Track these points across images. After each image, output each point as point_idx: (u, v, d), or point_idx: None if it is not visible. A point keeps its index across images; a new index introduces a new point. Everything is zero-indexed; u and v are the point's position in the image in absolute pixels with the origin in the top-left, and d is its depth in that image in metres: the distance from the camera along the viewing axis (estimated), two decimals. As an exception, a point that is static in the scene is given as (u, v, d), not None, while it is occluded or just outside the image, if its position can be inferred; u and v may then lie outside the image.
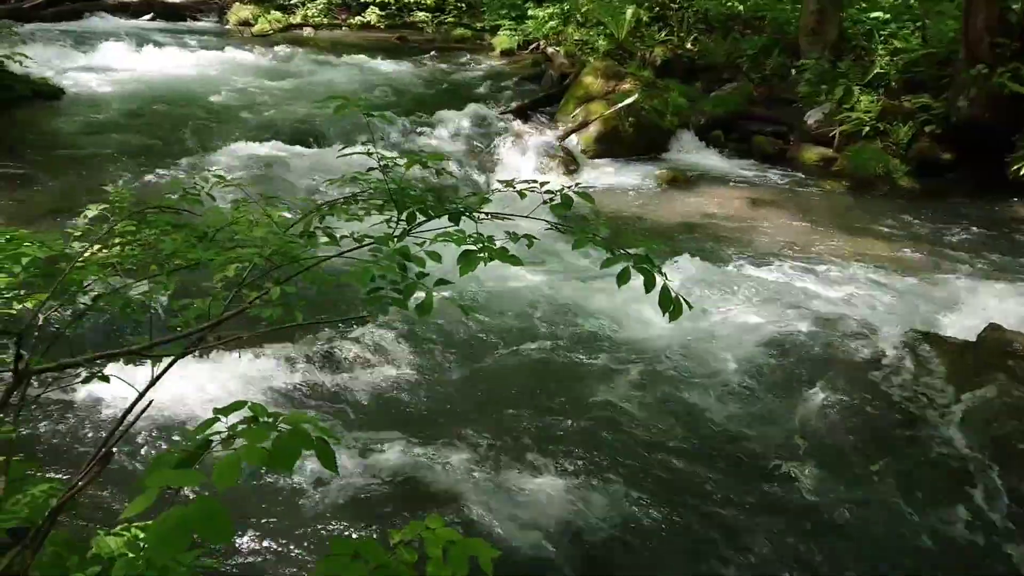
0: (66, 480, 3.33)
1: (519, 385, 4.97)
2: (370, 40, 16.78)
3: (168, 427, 4.08)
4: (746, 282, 6.35)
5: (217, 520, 1.58)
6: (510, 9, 17.16)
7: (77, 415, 4.08)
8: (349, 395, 4.67)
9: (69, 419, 4.05)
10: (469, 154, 9.68)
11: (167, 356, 1.78)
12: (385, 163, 1.97)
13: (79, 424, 4.05)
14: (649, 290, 1.74)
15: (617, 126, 10.27)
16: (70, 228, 2.55)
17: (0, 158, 8.27)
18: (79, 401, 4.16)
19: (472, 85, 12.94)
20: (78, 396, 4.15)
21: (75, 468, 3.69)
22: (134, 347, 1.65)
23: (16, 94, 10.47)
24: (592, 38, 13.62)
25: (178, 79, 12.54)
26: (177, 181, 2.35)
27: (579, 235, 1.80)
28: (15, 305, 2.09)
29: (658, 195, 9.00)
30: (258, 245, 1.84)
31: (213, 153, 8.72)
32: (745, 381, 5.03)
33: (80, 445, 3.93)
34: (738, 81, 11.64)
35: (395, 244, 1.78)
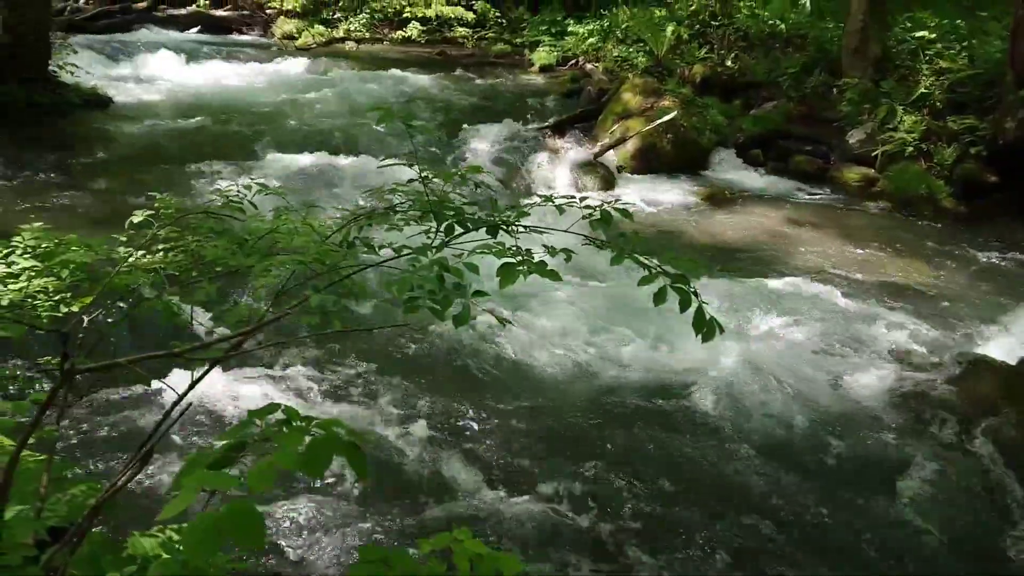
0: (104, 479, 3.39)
1: (548, 401, 4.95)
2: (411, 54, 16.96)
3: (203, 426, 4.12)
4: (786, 303, 6.27)
5: (251, 524, 1.60)
6: (550, 25, 17.24)
7: (117, 415, 4.15)
8: (379, 401, 4.69)
9: (109, 419, 4.12)
10: (506, 168, 9.72)
11: (207, 359, 1.80)
12: (425, 175, 1.99)
13: (118, 424, 4.11)
14: (684, 310, 1.72)
15: (655, 143, 10.24)
16: (116, 233, 2.60)
17: (50, 165, 8.48)
18: (119, 401, 4.23)
19: (511, 100, 13.00)
20: (118, 397, 4.22)
21: (111, 466, 3.75)
22: (176, 350, 1.67)
23: (67, 102, 10.75)
24: (631, 55, 13.62)
25: (223, 90, 12.79)
26: (222, 192, 2.38)
27: (617, 251, 1.79)
28: (62, 308, 2.13)
29: (696, 212, 8.95)
30: (298, 253, 1.87)
31: (255, 162, 8.87)
32: (786, 408, 4.92)
33: (118, 444, 3.99)
34: (778, 99, 11.55)
35: (433, 255, 1.79)
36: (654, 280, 1.74)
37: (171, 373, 2.27)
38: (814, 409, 4.93)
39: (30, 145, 9.12)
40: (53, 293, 2.17)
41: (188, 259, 2.22)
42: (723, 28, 13.35)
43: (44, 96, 10.45)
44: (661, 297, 1.72)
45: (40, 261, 2.34)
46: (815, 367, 5.35)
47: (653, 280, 1.74)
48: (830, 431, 4.74)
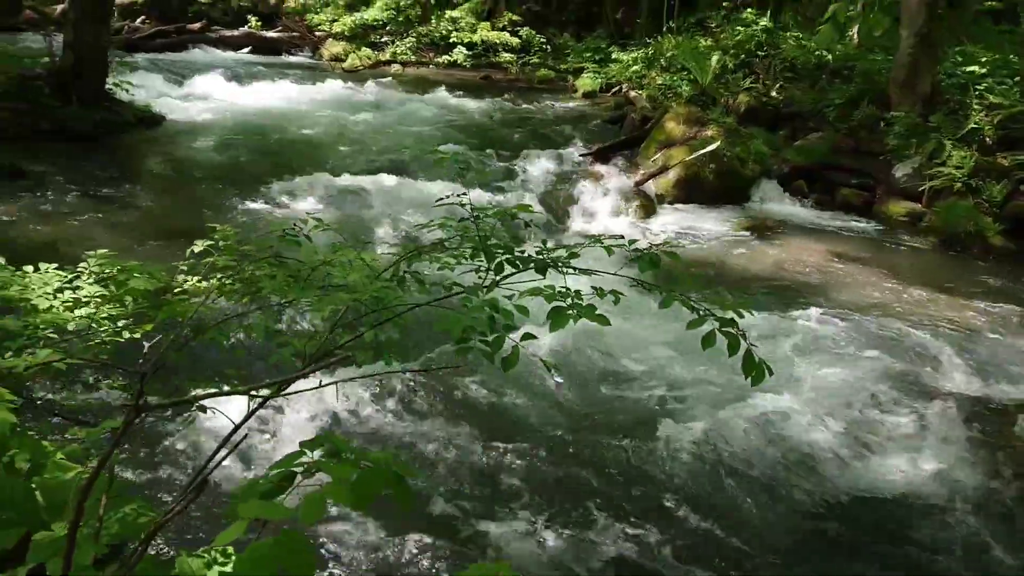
0: (154, 500, 3.47)
1: (588, 436, 4.94)
2: (455, 78, 17.18)
3: (254, 453, 4.19)
4: (830, 340, 6.20)
5: (302, 556, 1.65)
6: (594, 52, 17.36)
7: (171, 438, 4.23)
8: (424, 436, 4.70)
9: (163, 441, 4.21)
10: (548, 194, 9.77)
11: (264, 389, 1.86)
12: (477, 215, 2.03)
13: (172, 446, 4.20)
14: (733, 354, 1.74)
15: (698, 172, 10.23)
16: (168, 251, 2.69)
17: (106, 181, 8.74)
18: (175, 428, 4.31)
19: (554, 126, 13.08)
20: (174, 421, 4.30)
21: (161, 485, 3.84)
22: (238, 388, 1.73)
23: (121, 120, 11.08)
24: (675, 83, 13.64)
25: (272, 110, 13.07)
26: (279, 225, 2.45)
27: (666, 294, 1.82)
28: (124, 334, 2.21)
29: (738, 243, 8.90)
30: (353, 289, 1.92)
31: (304, 180, 9.02)
32: (832, 449, 4.86)
33: (171, 466, 4.08)
34: (824, 131, 11.47)
35: (484, 295, 1.83)
36: (703, 323, 1.76)
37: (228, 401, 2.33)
38: (853, 451, 4.87)
39: (87, 162, 9.41)
40: (116, 318, 2.26)
41: (245, 288, 2.29)
42: (769, 58, 13.32)
43: (101, 114, 10.79)
44: (710, 341, 1.74)
45: (104, 287, 2.43)
46: (857, 406, 5.28)
47: (702, 323, 1.76)
48: (868, 475, 4.68)
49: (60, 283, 2.49)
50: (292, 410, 4.41)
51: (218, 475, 3.93)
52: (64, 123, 10.27)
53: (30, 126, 10.01)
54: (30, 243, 6.90)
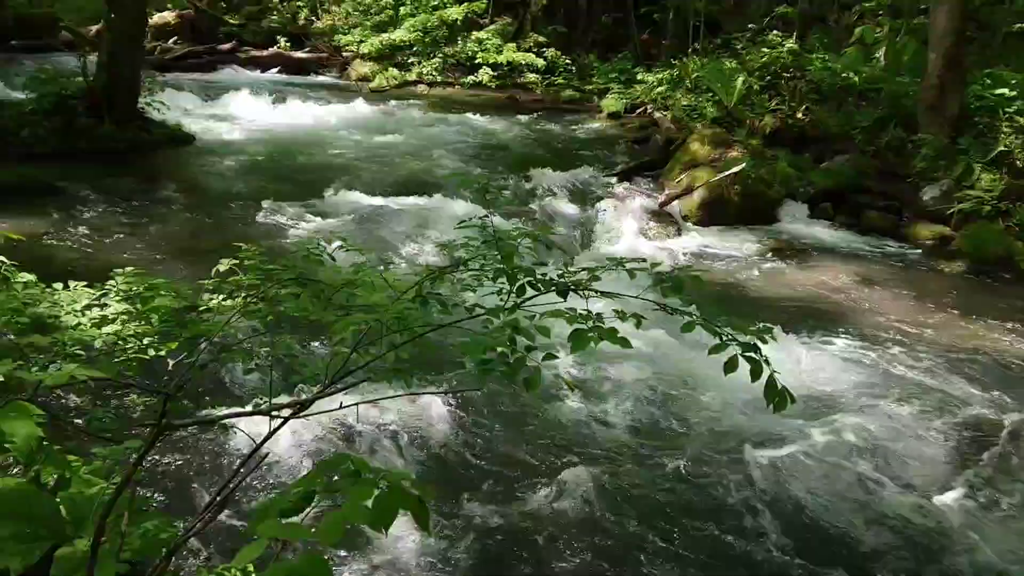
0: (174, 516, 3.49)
1: (609, 460, 4.90)
2: (481, 99, 17.30)
3: (274, 471, 4.20)
4: (855, 365, 6.13)
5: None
6: (619, 73, 17.42)
7: (192, 455, 4.26)
8: (443, 457, 4.69)
9: (184, 457, 4.23)
10: (572, 215, 9.77)
11: (286, 409, 1.87)
12: (499, 237, 2.04)
13: (191, 462, 4.22)
14: (755, 380, 1.73)
15: (722, 193, 10.19)
16: (194, 267, 2.73)
17: (135, 199, 8.87)
18: (195, 442, 4.34)
19: (578, 146, 13.13)
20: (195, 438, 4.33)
21: (182, 501, 3.86)
22: (260, 409, 1.75)
23: (153, 139, 11.28)
24: (700, 104, 13.64)
25: (300, 129, 13.23)
26: (303, 245, 2.47)
27: (688, 318, 1.81)
28: (150, 352, 2.24)
29: (762, 266, 8.84)
30: (375, 310, 1.93)
31: (330, 199, 9.11)
32: (860, 480, 4.77)
33: (191, 482, 4.10)
34: (850, 153, 11.41)
35: (506, 316, 1.84)
36: (725, 348, 1.75)
37: (249, 419, 2.35)
38: (883, 481, 4.79)
39: (119, 179, 9.56)
40: (142, 336, 2.29)
41: (268, 308, 2.31)
42: (795, 80, 13.28)
43: (133, 133, 10.99)
44: (732, 366, 1.73)
45: (131, 304, 2.47)
46: (885, 434, 5.20)
47: (724, 348, 1.75)
48: (900, 506, 4.60)
49: (88, 300, 2.53)
50: (313, 429, 4.42)
51: (240, 492, 3.94)
52: (98, 142, 10.48)
53: (65, 145, 10.22)
54: (60, 258, 7.01)
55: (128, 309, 2.45)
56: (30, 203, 8.36)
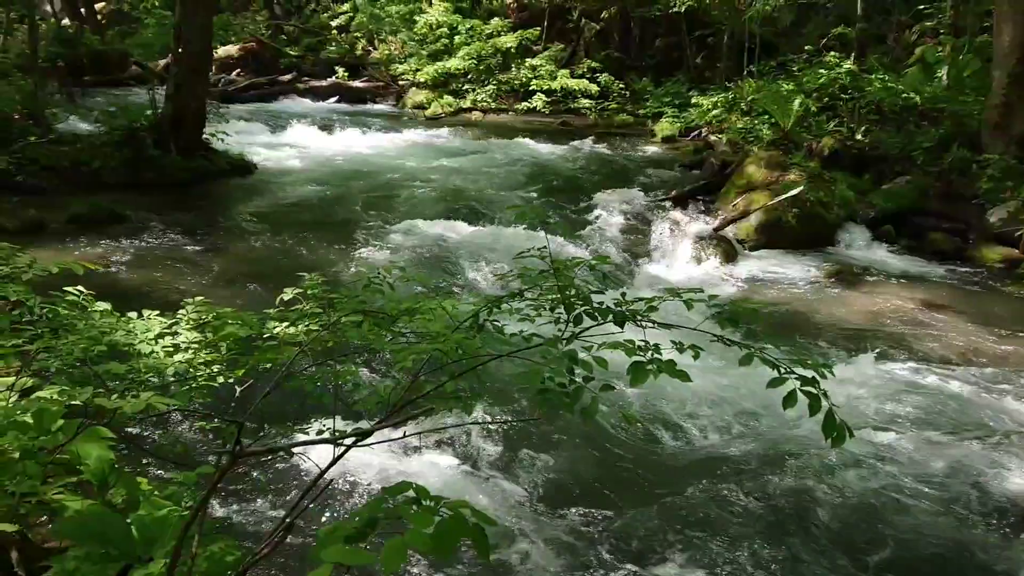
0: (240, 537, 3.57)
1: (666, 485, 4.85)
2: (534, 124, 17.44)
3: (338, 496, 4.26)
4: (919, 394, 5.95)
5: (384, 602, 1.68)
6: (673, 97, 17.40)
7: (261, 482, 4.34)
8: (502, 485, 4.68)
9: (250, 481, 4.32)
10: (627, 240, 9.75)
11: (350, 437, 1.92)
12: (557, 268, 2.07)
13: (258, 487, 4.31)
14: (814, 414, 1.71)
15: (780, 217, 10.06)
16: (264, 304, 2.82)
17: (199, 227, 9.16)
18: (264, 470, 4.42)
19: (632, 170, 13.11)
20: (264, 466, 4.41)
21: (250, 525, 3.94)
22: (326, 437, 1.80)
23: (216, 168, 11.65)
24: (756, 127, 13.54)
25: (358, 156, 13.51)
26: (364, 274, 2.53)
27: (746, 351, 1.81)
28: (218, 379, 2.32)
29: (822, 290, 8.68)
30: (435, 340, 1.97)
31: (386, 226, 9.26)
32: (925, 516, 4.63)
33: (257, 505, 4.18)
34: (912, 174, 11.17)
35: (564, 347, 1.86)
36: (784, 383, 1.74)
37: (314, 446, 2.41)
38: (945, 513, 4.64)
39: (184, 208, 9.90)
40: (211, 363, 2.38)
41: (331, 336, 2.37)
42: (854, 101, 13.09)
43: (198, 162, 11.37)
44: (791, 401, 1.72)
45: (200, 333, 2.56)
46: (950, 465, 5.04)
47: (783, 383, 1.74)
48: (965, 538, 4.45)
49: (160, 329, 2.63)
50: (375, 456, 4.46)
51: (305, 517, 4.01)
52: (164, 172, 10.87)
53: (134, 175, 10.62)
54: (130, 286, 7.26)
55: (198, 337, 2.55)
56: (101, 232, 8.70)
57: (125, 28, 23.11)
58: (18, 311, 2.64)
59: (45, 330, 2.39)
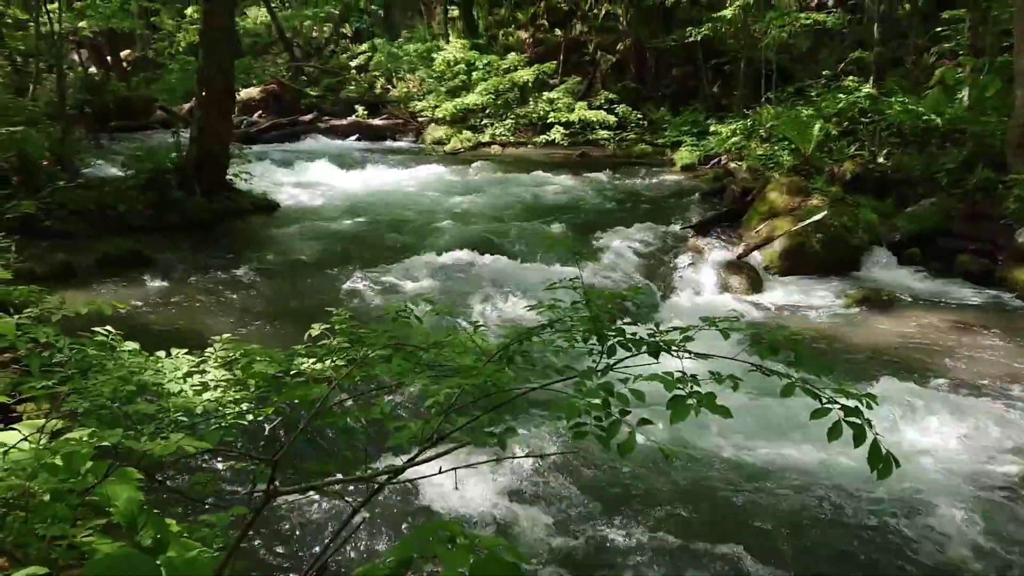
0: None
1: (705, 517, 4.75)
2: (553, 156, 17.52)
3: (371, 534, 4.21)
4: (953, 421, 5.81)
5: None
6: (691, 125, 17.43)
7: (293, 521, 4.29)
8: (537, 520, 4.59)
9: (285, 524, 4.28)
10: (651, 269, 9.71)
11: (382, 476, 1.89)
12: (589, 300, 2.04)
13: (290, 524, 4.26)
14: (858, 445, 1.66)
15: (804, 242, 9.98)
16: (291, 340, 2.80)
17: (223, 267, 9.23)
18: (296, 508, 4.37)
19: (653, 199, 13.10)
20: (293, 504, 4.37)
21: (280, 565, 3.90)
22: (359, 476, 1.77)
23: (240, 208, 11.78)
24: (776, 153, 13.50)
25: (379, 193, 13.62)
26: (392, 307, 2.51)
27: (786, 381, 1.76)
28: (247, 417, 2.30)
29: (849, 316, 8.57)
30: (467, 374, 1.94)
31: (410, 261, 9.27)
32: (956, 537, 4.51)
33: (290, 544, 4.13)
34: (936, 197, 11.05)
35: (598, 379, 1.82)
36: (827, 414, 1.69)
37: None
38: (984, 542, 4.50)
39: (208, 248, 10.00)
40: (240, 401, 2.36)
41: (360, 372, 2.35)
42: (874, 124, 13.04)
43: (222, 202, 11.50)
44: (836, 433, 1.67)
45: (229, 370, 2.55)
46: (986, 494, 4.91)
47: (827, 413, 1.69)
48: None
49: (189, 367, 2.63)
50: (409, 492, 4.40)
51: (338, 556, 3.95)
52: (189, 213, 11.01)
53: (159, 217, 10.76)
54: (157, 326, 7.32)
55: (226, 376, 2.53)
56: (127, 273, 8.80)
57: (150, 74, 23.61)
58: (48, 352, 2.65)
59: (75, 372, 2.39)
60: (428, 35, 24.74)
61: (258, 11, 27.56)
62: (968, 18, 14.02)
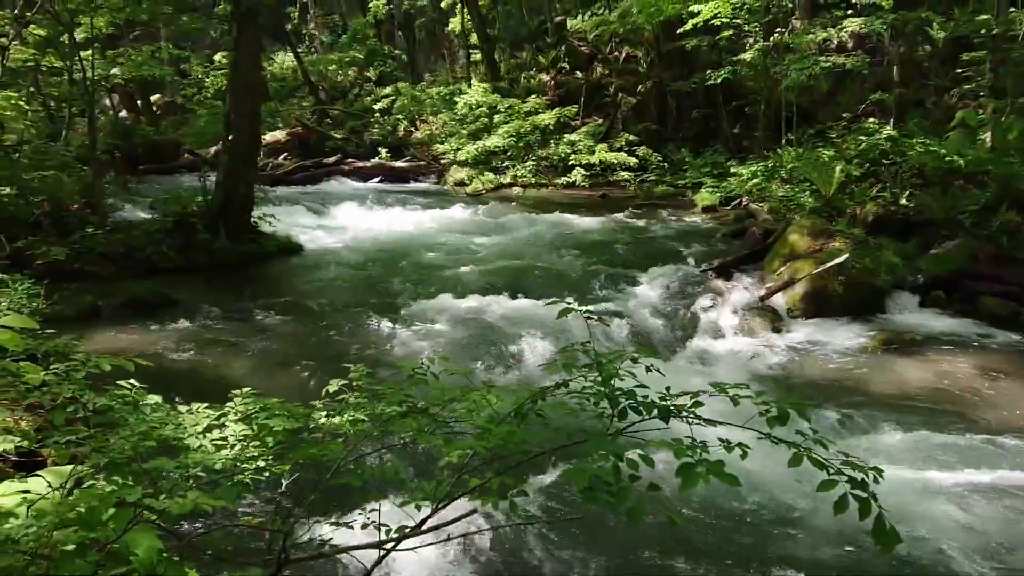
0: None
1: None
2: (574, 198, 17.62)
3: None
4: (981, 468, 5.73)
5: None
6: (712, 166, 17.49)
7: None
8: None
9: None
10: (671, 311, 9.69)
11: (393, 540, 1.91)
12: (600, 360, 2.06)
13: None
14: (863, 518, 1.66)
15: (826, 285, 9.93)
16: (309, 387, 2.84)
17: (247, 310, 9.35)
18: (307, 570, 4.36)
19: (674, 241, 13.10)
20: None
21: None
22: (374, 541, 1.79)
23: (264, 251, 11.95)
24: (797, 195, 13.49)
25: (402, 234, 13.76)
26: (408, 364, 2.55)
27: (794, 451, 1.77)
28: (265, 474, 2.33)
29: (872, 359, 8.48)
30: (480, 437, 1.97)
31: (431, 304, 9.33)
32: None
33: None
34: (960, 238, 10.97)
35: (609, 443, 1.84)
36: (834, 486, 1.69)
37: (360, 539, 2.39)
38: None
39: (232, 291, 10.13)
40: (258, 458, 2.39)
41: (375, 429, 2.38)
42: (895, 166, 13.01)
43: (247, 245, 11.68)
44: (842, 506, 1.67)
45: (248, 425, 2.59)
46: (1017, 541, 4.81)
47: (833, 486, 1.69)
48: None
49: (209, 422, 2.67)
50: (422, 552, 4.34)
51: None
52: (214, 255, 11.19)
53: (185, 260, 10.95)
54: (179, 370, 7.40)
55: (245, 430, 2.57)
56: (153, 316, 8.93)
57: (178, 118, 24.16)
58: (72, 407, 2.71)
59: (97, 431, 2.44)
60: (451, 79, 25.15)
61: (285, 56, 28.19)
62: (989, 60, 14.03)
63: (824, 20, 16.35)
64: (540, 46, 23.50)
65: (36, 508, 2.40)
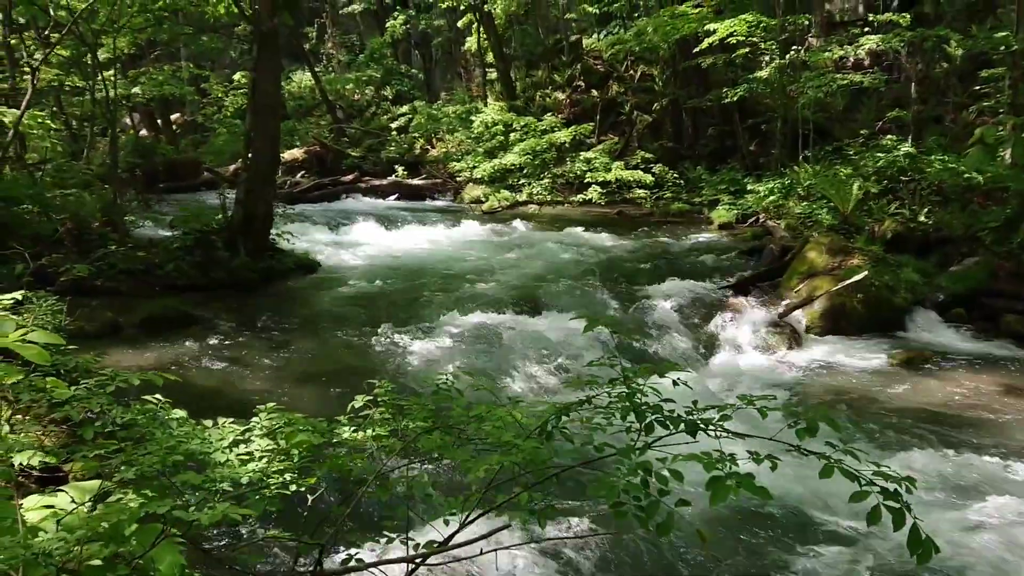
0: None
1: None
2: (590, 215, 17.63)
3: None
4: (1004, 488, 5.65)
5: None
6: (728, 184, 17.45)
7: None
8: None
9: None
10: (690, 328, 9.66)
11: (422, 555, 1.91)
12: (627, 375, 2.07)
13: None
14: (898, 529, 1.65)
15: (845, 302, 9.88)
16: (331, 401, 2.86)
17: (266, 326, 9.40)
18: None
19: (691, 258, 13.07)
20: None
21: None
22: (403, 556, 1.80)
23: (283, 268, 12.02)
24: (814, 212, 13.45)
25: (418, 251, 13.82)
26: (433, 380, 2.56)
27: (824, 463, 1.76)
28: (291, 488, 2.34)
29: (891, 377, 8.41)
30: (507, 452, 1.97)
31: (450, 321, 9.34)
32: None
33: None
34: (980, 255, 10.90)
35: (636, 457, 1.84)
36: (866, 497, 1.68)
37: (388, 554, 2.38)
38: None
39: (251, 308, 10.18)
40: (284, 471, 2.41)
41: (401, 444, 2.39)
42: (914, 183, 12.94)
43: (266, 262, 11.75)
44: (875, 517, 1.66)
45: (273, 440, 2.60)
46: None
47: (866, 497, 1.68)
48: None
49: (234, 437, 2.69)
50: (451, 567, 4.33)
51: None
52: (233, 273, 11.25)
53: (204, 277, 11.02)
54: (200, 385, 7.44)
55: (270, 445, 2.59)
56: (173, 333, 8.99)
57: (198, 137, 24.42)
58: (100, 423, 2.73)
59: (127, 444, 2.46)
60: (467, 97, 25.29)
61: (303, 75, 28.45)
62: (1008, 77, 13.96)
63: (840, 38, 16.35)
64: (556, 64, 23.60)
65: (65, 523, 2.42)
